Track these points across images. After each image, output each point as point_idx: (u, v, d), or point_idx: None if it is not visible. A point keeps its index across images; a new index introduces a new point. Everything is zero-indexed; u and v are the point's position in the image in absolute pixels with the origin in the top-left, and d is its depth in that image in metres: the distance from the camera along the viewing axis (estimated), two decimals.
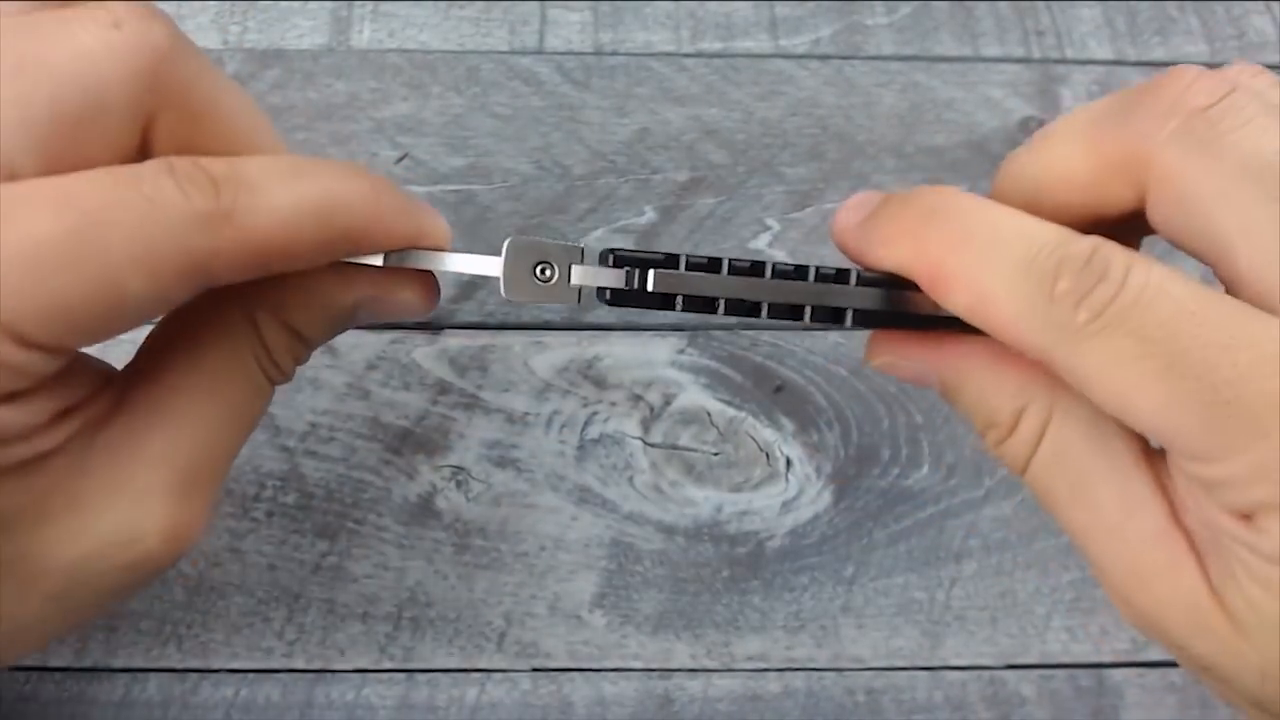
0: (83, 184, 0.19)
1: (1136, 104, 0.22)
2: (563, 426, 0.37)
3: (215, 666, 0.33)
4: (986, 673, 0.34)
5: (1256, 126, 0.21)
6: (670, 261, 0.24)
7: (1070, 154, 0.23)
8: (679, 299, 0.23)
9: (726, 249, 0.39)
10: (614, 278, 0.24)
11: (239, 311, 0.23)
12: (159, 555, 0.22)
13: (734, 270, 0.24)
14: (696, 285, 0.23)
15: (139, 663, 0.33)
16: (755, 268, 0.24)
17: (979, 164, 0.41)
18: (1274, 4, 0.45)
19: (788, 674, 0.34)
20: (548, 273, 0.24)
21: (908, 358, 0.25)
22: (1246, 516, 0.20)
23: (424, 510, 0.35)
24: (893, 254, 0.23)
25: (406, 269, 0.24)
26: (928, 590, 0.35)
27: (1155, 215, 0.22)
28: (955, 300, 0.22)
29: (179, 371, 0.23)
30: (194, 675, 0.33)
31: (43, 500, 0.21)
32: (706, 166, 0.41)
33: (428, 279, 0.25)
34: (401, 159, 0.40)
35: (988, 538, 0.36)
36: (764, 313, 0.24)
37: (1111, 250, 0.21)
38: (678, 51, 0.43)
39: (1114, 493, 0.22)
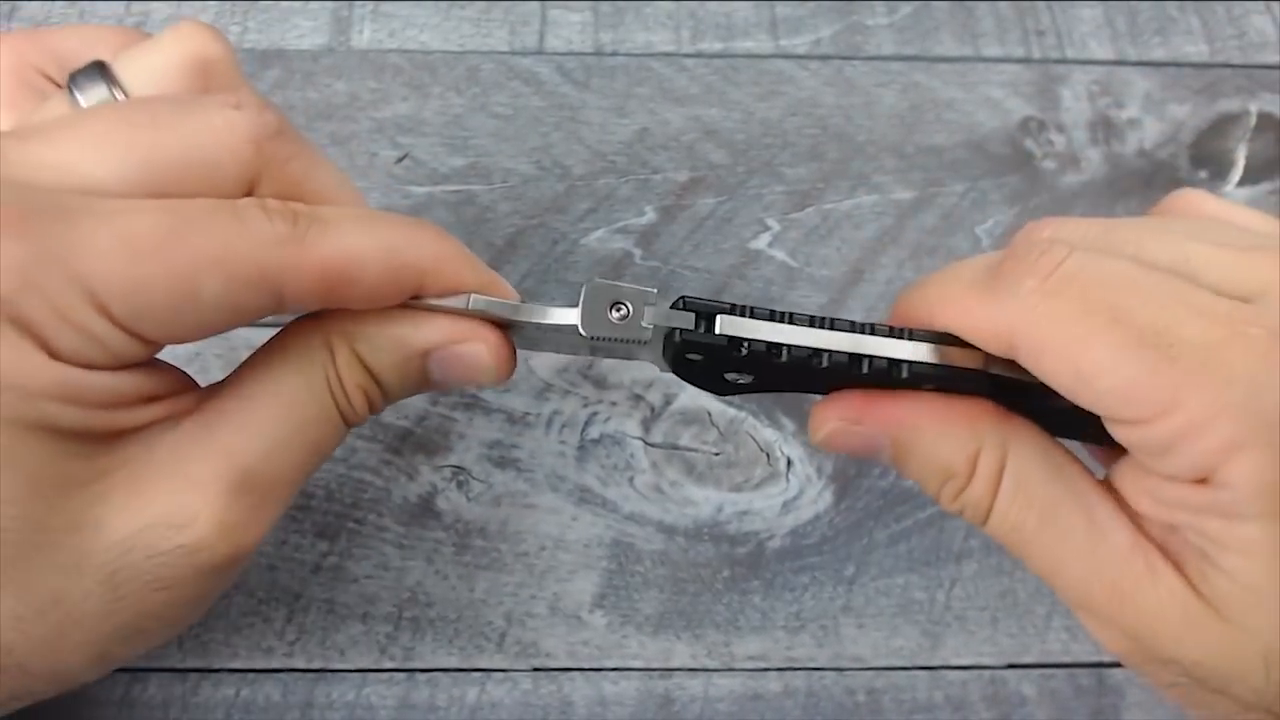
0: (186, 201, 0.23)
1: (997, 282, 0.23)
2: (563, 426, 0.37)
3: (216, 666, 0.33)
4: (987, 672, 0.34)
5: (1088, 278, 0.22)
6: (739, 310, 0.25)
7: (956, 324, 0.24)
8: (746, 344, 0.24)
9: (726, 249, 0.39)
10: (683, 320, 0.25)
11: (319, 338, 0.25)
12: (209, 547, 0.23)
13: (796, 321, 0.25)
14: (763, 331, 0.25)
15: (139, 662, 0.33)
16: (818, 320, 0.25)
17: (979, 164, 0.41)
18: (1274, 4, 0.45)
19: (788, 674, 0.34)
20: (622, 311, 0.25)
21: (863, 420, 0.26)
22: (1203, 481, 0.21)
23: (424, 510, 0.35)
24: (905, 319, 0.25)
25: (477, 317, 0.25)
26: (928, 590, 0.35)
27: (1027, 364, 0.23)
28: (946, 321, 0.24)
29: (255, 385, 0.24)
30: (194, 675, 0.33)
31: (106, 475, 0.22)
32: (706, 166, 0.41)
33: (501, 338, 0.26)
34: (402, 159, 0.40)
35: (987, 538, 0.35)
36: (825, 361, 0.24)
37: (1053, 241, 0.23)
38: (678, 52, 0.43)
39: (1080, 515, 0.23)
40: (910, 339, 0.25)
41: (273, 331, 0.26)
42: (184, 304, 0.22)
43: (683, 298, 0.25)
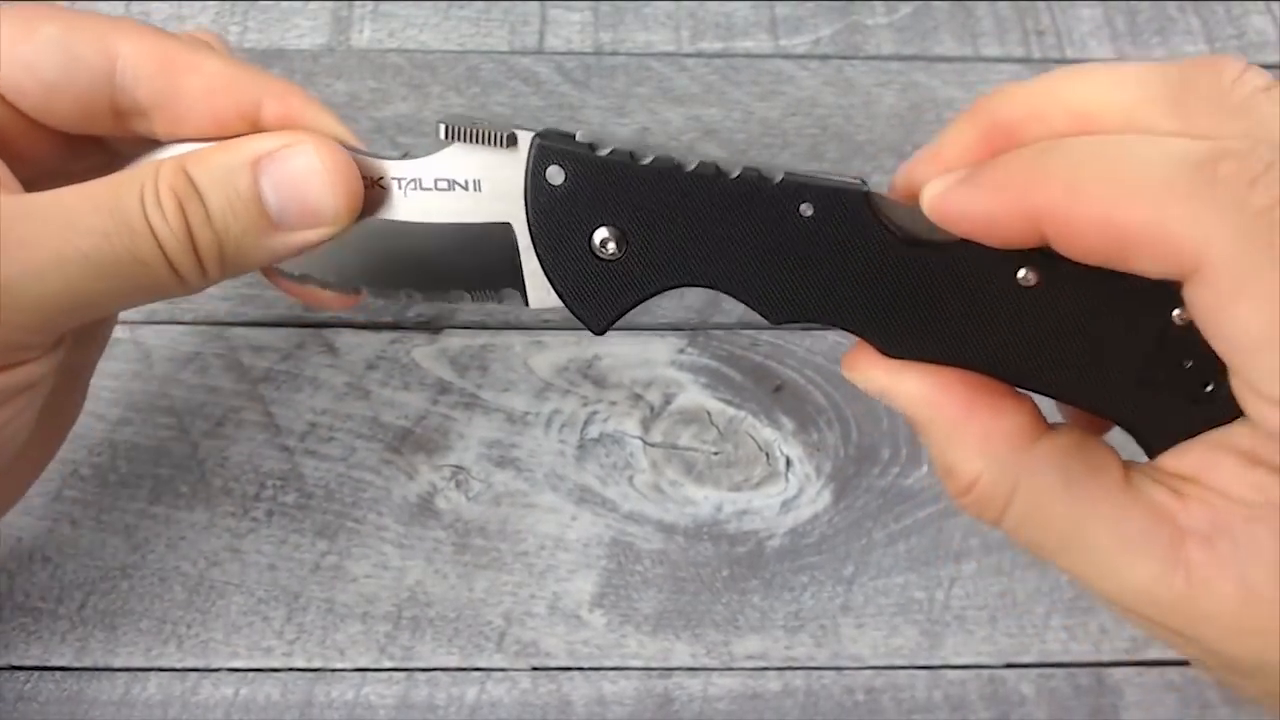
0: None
1: (1215, 186, 0.19)
2: (563, 426, 0.37)
3: (215, 666, 0.33)
4: (986, 672, 0.34)
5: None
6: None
7: (1138, 223, 0.20)
8: (605, 149, 0.24)
9: None
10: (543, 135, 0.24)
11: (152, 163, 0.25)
12: None
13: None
14: (624, 142, 0.24)
15: (139, 662, 0.33)
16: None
17: None
18: (1274, 4, 0.45)
19: (787, 673, 0.34)
20: (483, 123, 0.25)
21: (871, 381, 0.24)
22: None
23: (424, 510, 0.35)
24: (1009, 207, 0.21)
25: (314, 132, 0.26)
26: (927, 590, 0.35)
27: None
28: (1085, 220, 0.20)
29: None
30: (194, 674, 0.33)
31: None
32: None
33: (336, 149, 0.25)
34: (402, 159, 0.40)
35: (987, 537, 0.35)
36: (690, 166, 0.24)
37: (1266, 148, 0.19)
38: (678, 51, 0.43)
39: (1104, 530, 0.22)
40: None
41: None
42: (20, 37, 0.24)
43: (545, 129, 0.25)
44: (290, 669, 0.33)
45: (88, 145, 0.28)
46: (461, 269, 0.26)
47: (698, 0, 0.44)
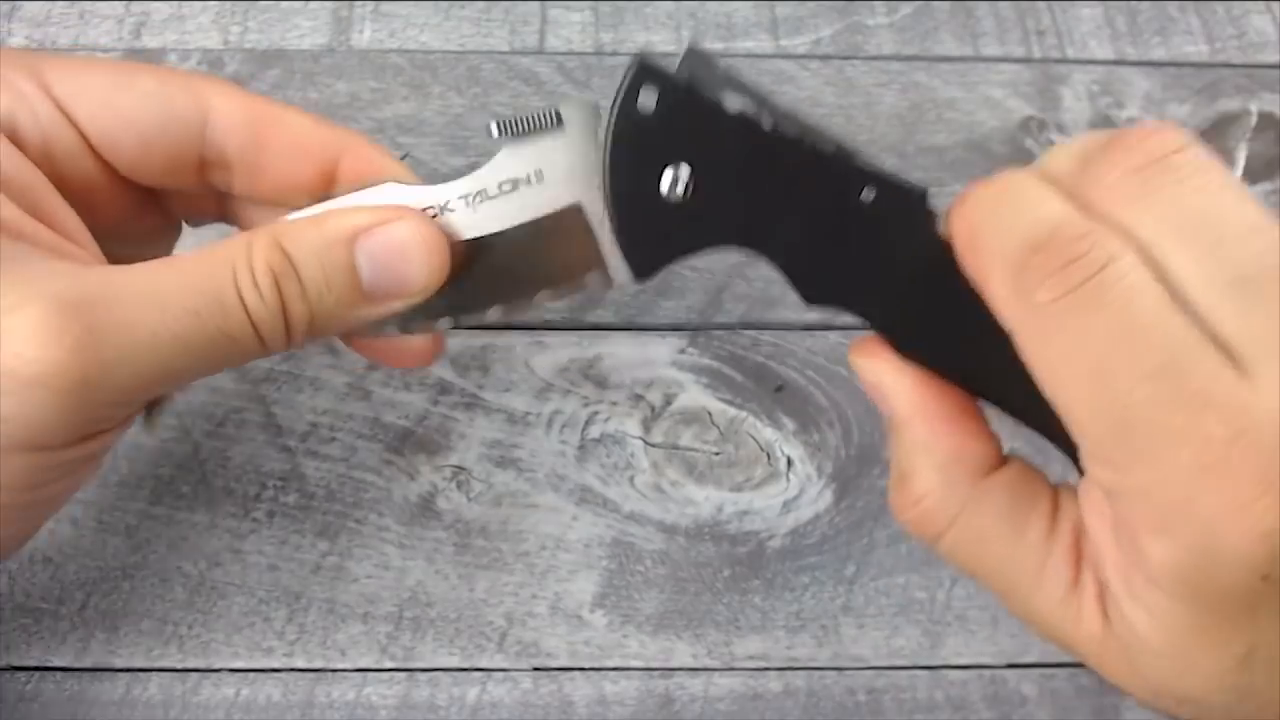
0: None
1: (1023, 273, 0.22)
2: (564, 426, 0.37)
3: (216, 666, 0.33)
4: (987, 672, 0.34)
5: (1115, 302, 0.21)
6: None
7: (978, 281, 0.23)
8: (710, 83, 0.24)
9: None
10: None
11: (244, 236, 0.25)
12: (20, 338, 0.22)
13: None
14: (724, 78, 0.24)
15: (140, 662, 0.33)
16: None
17: (979, 164, 0.41)
18: (1274, 4, 0.45)
19: (788, 673, 0.34)
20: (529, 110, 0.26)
21: (874, 372, 0.25)
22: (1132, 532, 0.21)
23: (425, 510, 0.35)
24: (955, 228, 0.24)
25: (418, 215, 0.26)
26: (928, 590, 0.35)
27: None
28: (970, 261, 0.23)
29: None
30: (195, 675, 0.33)
31: None
32: None
33: (427, 222, 0.25)
34: (402, 159, 0.40)
35: None
36: (772, 125, 0.24)
37: (1102, 238, 0.21)
38: (679, 52, 0.43)
39: (1027, 565, 0.24)
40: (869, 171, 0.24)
41: None
42: (119, 88, 0.25)
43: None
44: (291, 669, 0.33)
45: (151, 207, 0.29)
46: (542, 267, 0.26)
47: (698, 0, 0.44)
